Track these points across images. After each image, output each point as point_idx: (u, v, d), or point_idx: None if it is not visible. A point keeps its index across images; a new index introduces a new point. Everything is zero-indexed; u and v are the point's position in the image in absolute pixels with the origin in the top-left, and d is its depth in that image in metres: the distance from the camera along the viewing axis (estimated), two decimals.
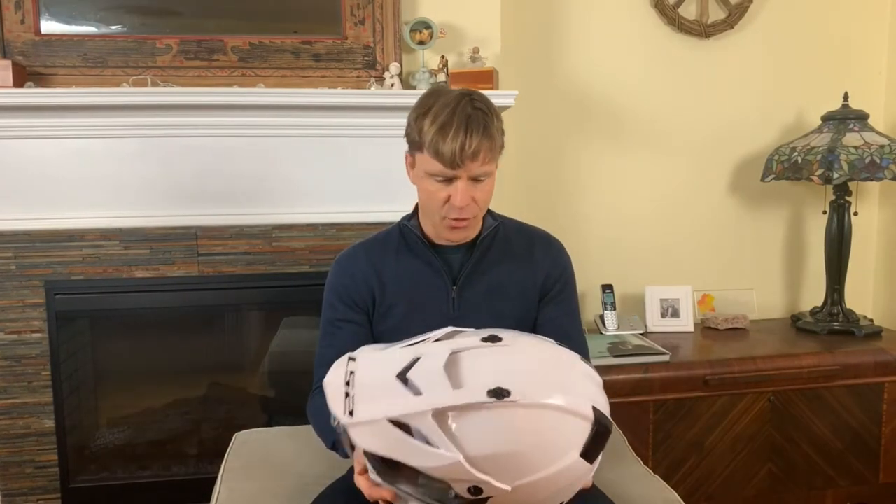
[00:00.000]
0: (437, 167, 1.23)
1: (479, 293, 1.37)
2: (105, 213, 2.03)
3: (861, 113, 2.43)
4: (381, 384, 0.96)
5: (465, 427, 0.91)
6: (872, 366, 2.27)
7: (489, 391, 0.90)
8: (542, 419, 0.93)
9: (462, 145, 1.19)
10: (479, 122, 1.21)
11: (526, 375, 0.94)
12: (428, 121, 1.22)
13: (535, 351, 1.01)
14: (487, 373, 0.93)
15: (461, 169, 1.22)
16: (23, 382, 2.05)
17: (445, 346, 0.99)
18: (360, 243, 1.44)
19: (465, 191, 1.24)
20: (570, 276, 1.45)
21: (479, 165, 1.23)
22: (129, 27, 2.05)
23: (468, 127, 1.20)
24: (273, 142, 2.08)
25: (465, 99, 1.23)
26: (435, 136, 1.21)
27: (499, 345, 0.98)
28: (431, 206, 1.29)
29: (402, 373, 0.96)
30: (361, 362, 1.01)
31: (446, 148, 1.20)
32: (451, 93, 1.26)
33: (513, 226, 1.45)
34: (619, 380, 2.12)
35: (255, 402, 2.39)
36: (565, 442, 0.94)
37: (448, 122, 1.20)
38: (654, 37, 2.58)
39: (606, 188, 2.62)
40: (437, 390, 0.92)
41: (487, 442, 0.91)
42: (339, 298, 1.39)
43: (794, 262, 2.79)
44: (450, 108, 1.22)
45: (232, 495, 1.43)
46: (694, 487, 2.22)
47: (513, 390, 0.91)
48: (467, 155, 1.20)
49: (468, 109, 1.21)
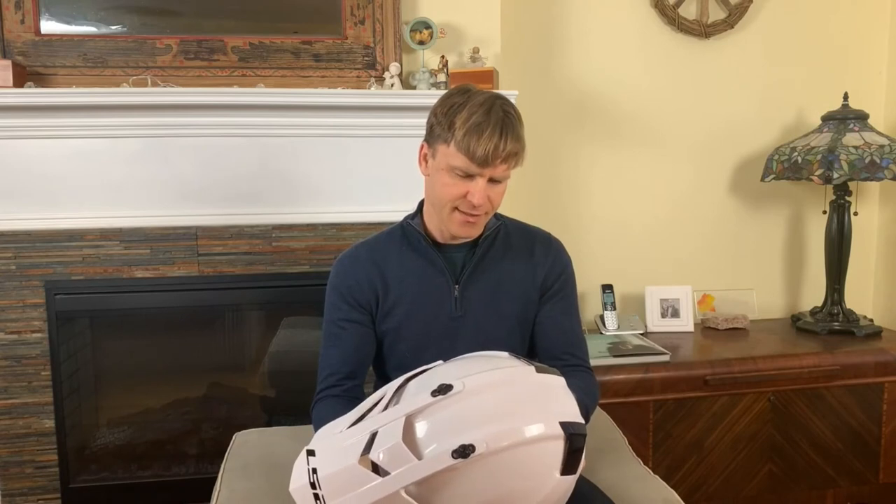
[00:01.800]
0: (464, 162, 1.23)
1: (482, 292, 1.37)
2: (105, 213, 2.03)
3: (861, 113, 2.43)
4: (346, 475, 0.93)
5: (443, 493, 0.90)
6: (872, 366, 2.27)
7: (453, 452, 0.88)
8: (515, 458, 0.91)
9: (496, 146, 1.21)
10: (513, 126, 1.23)
11: (485, 422, 0.91)
12: (462, 117, 1.22)
13: (489, 388, 0.96)
14: (446, 433, 0.91)
15: (488, 168, 1.23)
16: (23, 382, 2.05)
17: (396, 412, 0.95)
18: (362, 243, 1.44)
19: (483, 189, 1.25)
20: (569, 275, 1.45)
21: (506, 168, 1.25)
22: (129, 27, 2.05)
23: (503, 129, 1.21)
24: (273, 142, 2.08)
25: (498, 101, 1.25)
26: (468, 133, 1.21)
27: (450, 395, 0.94)
28: (444, 199, 1.28)
29: (364, 455, 0.93)
30: (321, 456, 0.97)
31: (480, 147, 1.21)
32: (483, 93, 1.27)
33: (514, 225, 1.45)
34: (619, 380, 2.12)
35: (255, 402, 2.39)
36: (543, 468, 0.93)
37: (484, 121, 1.21)
38: (654, 37, 2.58)
39: (606, 188, 2.62)
40: (402, 466, 0.90)
41: (469, 499, 0.90)
42: (342, 299, 1.39)
43: (794, 262, 2.79)
44: (484, 107, 1.22)
45: (232, 495, 1.43)
46: (694, 487, 2.22)
47: (476, 443, 0.89)
48: (499, 156, 1.22)
49: (500, 113, 1.23)
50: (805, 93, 2.69)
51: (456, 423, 0.92)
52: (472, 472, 0.90)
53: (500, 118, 1.22)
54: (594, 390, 1.42)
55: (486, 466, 0.90)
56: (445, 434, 0.90)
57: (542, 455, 0.93)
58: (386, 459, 0.91)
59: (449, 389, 0.94)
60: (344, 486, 0.92)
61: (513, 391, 0.97)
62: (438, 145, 1.27)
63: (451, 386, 0.94)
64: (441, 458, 0.89)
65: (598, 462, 1.50)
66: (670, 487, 1.45)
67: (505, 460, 0.90)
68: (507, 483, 0.91)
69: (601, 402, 1.95)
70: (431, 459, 0.89)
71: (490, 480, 0.90)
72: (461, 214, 1.28)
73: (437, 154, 1.28)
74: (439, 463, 0.89)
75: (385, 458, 0.91)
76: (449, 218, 1.30)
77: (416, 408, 0.94)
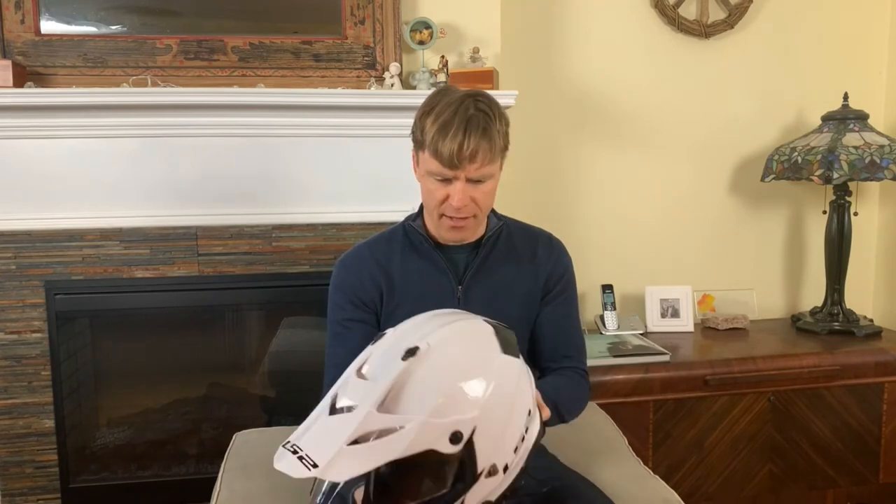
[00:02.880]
0: (436, 166, 1.23)
1: (485, 293, 1.37)
2: (105, 213, 2.03)
3: (861, 113, 2.43)
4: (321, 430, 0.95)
5: (408, 399, 0.93)
6: (872, 366, 2.27)
7: (402, 355, 0.94)
8: (454, 351, 0.98)
9: (460, 146, 1.19)
10: (480, 123, 1.20)
11: (418, 326, 1.02)
12: (430, 119, 1.22)
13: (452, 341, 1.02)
14: (393, 366, 0.96)
15: (459, 170, 1.22)
16: (23, 382, 2.05)
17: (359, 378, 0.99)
18: (365, 243, 1.44)
19: (462, 192, 1.23)
20: (570, 276, 1.45)
21: (477, 167, 1.22)
22: (129, 27, 2.05)
23: (467, 128, 1.19)
24: (273, 142, 2.08)
25: (469, 99, 1.23)
26: (435, 135, 1.21)
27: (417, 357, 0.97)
28: (430, 205, 1.29)
29: (332, 409, 0.96)
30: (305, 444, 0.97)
31: (445, 148, 1.20)
32: (457, 93, 1.25)
33: (516, 226, 1.45)
34: (619, 380, 2.12)
35: (255, 402, 2.39)
36: (484, 352, 1.00)
37: (449, 121, 1.20)
38: (654, 37, 2.58)
39: (606, 188, 2.62)
40: (367, 394, 0.93)
41: (431, 393, 0.93)
42: (346, 299, 1.38)
43: (794, 263, 2.79)
44: (452, 107, 1.21)
45: (232, 495, 1.43)
46: (694, 487, 2.22)
47: (420, 345, 0.95)
48: (465, 156, 1.20)
49: (470, 110, 1.21)
50: (805, 93, 2.69)
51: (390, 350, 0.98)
52: (424, 371, 0.94)
53: (467, 117, 1.20)
54: (582, 393, 1.42)
55: (433, 363, 0.95)
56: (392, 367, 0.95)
57: (477, 343, 1.02)
58: (351, 399, 0.95)
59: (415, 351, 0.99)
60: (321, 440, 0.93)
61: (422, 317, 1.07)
62: (418, 152, 1.27)
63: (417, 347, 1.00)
64: (394, 369, 0.94)
65: (598, 462, 1.51)
66: (670, 487, 1.45)
67: (447, 354, 0.97)
68: (458, 370, 0.96)
69: (601, 402, 1.96)
70: (387, 377, 0.94)
71: (441, 375, 0.95)
72: (448, 219, 1.28)
73: (419, 160, 1.28)
74: (393, 373, 0.93)
75: (349, 398, 0.95)
76: (438, 223, 1.31)
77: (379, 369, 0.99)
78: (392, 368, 0.94)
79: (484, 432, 0.94)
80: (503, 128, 1.26)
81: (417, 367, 0.94)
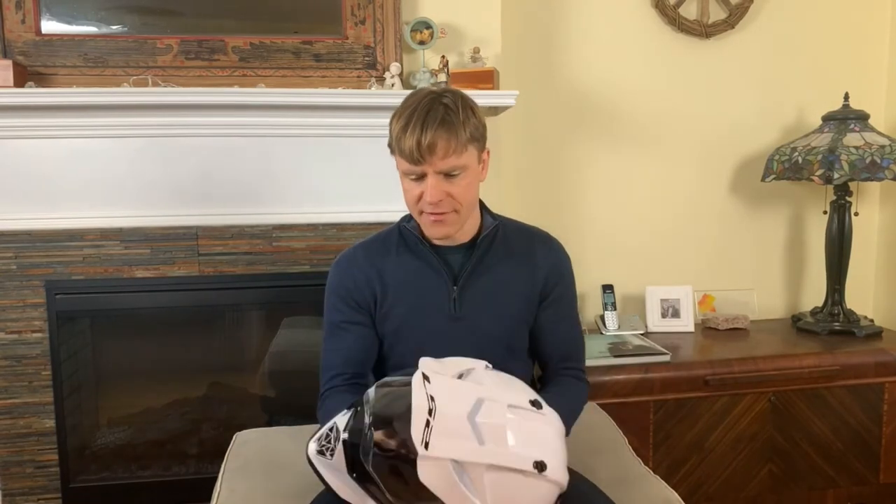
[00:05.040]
0: (405, 165, 1.25)
1: (481, 293, 1.37)
2: (105, 213, 2.03)
3: (862, 113, 2.43)
4: (455, 422, 1.00)
5: (499, 484, 1.00)
6: (873, 366, 2.26)
7: (535, 463, 1.02)
8: (551, 491, 1.07)
9: (418, 140, 1.20)
10: (438, 116, 1.21)
11: (555, 452, 1.07)
12: (395, 120, 1.25)
13: (558, 423, 1.13)
14: (533, 444, 1.04)
15: (424, 164, 1.23)
16: (23, 382, 2.05)
17: (501, 392, 1.07)
18: (360, 244, 1.44)
19: (434, 186, 1.24)
20: (570, 277, 1.45)
21: (441, 159, 1.23)
22: (129, 27, 2.05)
23: (425, 122, 1.21)
24: (273, 142, 2.08)
25: (432, 96, 1.25)
26: (398, 133, 1.23)
27: (540, 413, 1.09)
28: (410, 204, 1.31)
29: (471, 415, 1.02)
30: (438, 389, 1.03)
31: (405, 144, 1.22)
32: (423, 92, 1.27)
33: (512, 226, 1.45)
34: (619, 380, 2.12)
35: (255, 402, 2.39)
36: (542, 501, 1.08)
37: (409, 119, 1.22)
38: (654, 37, 2.58)
39: (607, 188, 2.62)
40: (497, 445, 1.00)
41: (507, 501, 1.01)
42: (342, 300, 1.38)
43: (794, 263, 2.79)
44: (413, 106, 1.24)
45: (232, 495, 1.43)
46: (694, 487, 2.22)
47: (549, 465, 1.03)
48: (424, 149, 1.21)
49: (431, 105, 1.22)
50: (805, 93, 2.68)
51: (540, 439, 1.07)
52: (529, 486, 1.03)
53: (426, 112, 1.21)
54: (581, 399, 1.44)
55: (539, 488, 1.03)
56: (532, 444, 1.04)
57: (549, 495, 1.08)
58: (487, 430, 1.01)
59: (540, 408, 1.10)
60: (450, 431, 0.99)
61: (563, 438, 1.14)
62: (393, 155, 1.29)
63: (542, 406, 1.11)
64: (525, 460, 1.01)
65: (598, 462, 1.51)
66: (670, 487, 1.45)
67: (548, 490, 1.05)
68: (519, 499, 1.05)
69: (601, 402, 1.96)
70: (519, 456, 1.01)
71: (528, 499, 1.04)
72: (428, 216, 1.29)
73: (397, 163, 1.29)
74: (523, 463, 1.01)
75: (487, 429, 1.01)
76: (421, 221, 1.32)
77: (517, 404, 1.06)
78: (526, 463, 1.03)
79: None
80: (471, 119, 1.25)
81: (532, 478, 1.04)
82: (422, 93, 1.27)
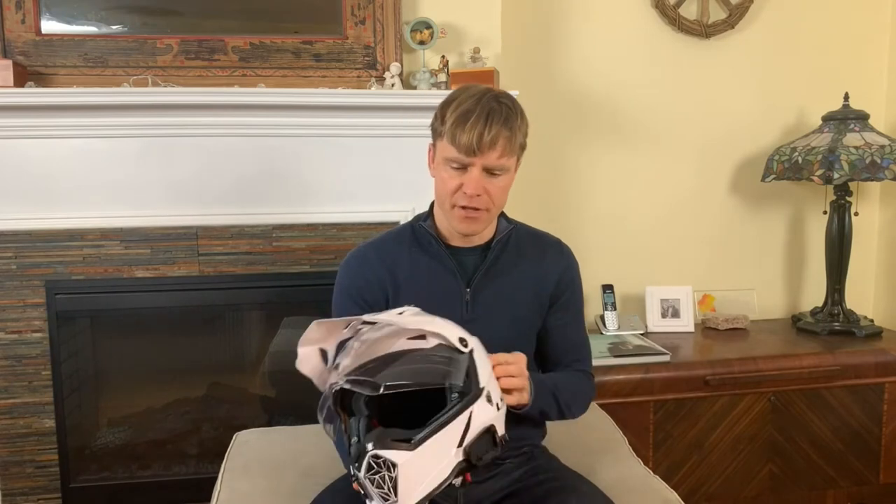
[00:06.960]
0: (454, 153, 1.24)
1: (493, 296, 1.36)
2: (105, 213, 2.03)
3: (862, 113, 2.43)
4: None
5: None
6: (873, 366, 2.26)
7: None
8: None
9: (481, 133, 1.21)
10: (500, 114, 1.23)
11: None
12: (452, 108, 1.25)
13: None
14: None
15: (477, 157, 1.23)
16: (23, 382, 2.05)
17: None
18: (370, 243, 1.43)
19: (477, 179, 1.24)
20: (579, 283, 1.45)
21: (496, 157, 1.24)
22: (129, 27, 2.05)
23: (489, 116, 1.22)
24: (273, 142, 2.08)
25: (491, 94, 1.26)
26: (456, 121, 1.23)
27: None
28: (443, 194, 1.29)
29: None
30: None
31: (465, 135, 1.22)
32: (480, 88, 1.28)
33: (525, 230, 1.45)
34: (619, 380, 2.12)
35: (255, 402, 2.39)
36: None
37: (470, 110, 1.23)
38: (654, 37, 2.58)
39: (607, 188, 2.62)
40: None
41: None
42: (351, 301, 1.36)
43: (794, 263, 2.79)
44: (474, 98, 1.24)
45: (232, 495, 1.43)
46: (694, 487, 2.22)
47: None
48: (485, 143, 1.22)
49: (492, 103, 1.24)
50: (805, 93, 2.68)
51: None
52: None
53: (489, 107, 1.23)
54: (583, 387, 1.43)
55: None
56: None
57: None
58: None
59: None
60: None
61: None
62: (437, 141, 1.29)
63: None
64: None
65: (598, 462, 1.51)
66: (670, 487, 1.45)
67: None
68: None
69: (602, 402, 1.96)
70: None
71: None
72: (460, 210, 1.28)
73: (437, 150, 1.30)
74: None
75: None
76: (451, 214, 1.30)
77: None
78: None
79: (479, 355, 1.11)
80: (523, 125, 1.29)
81: None
82: (477, 88, 1.28)
